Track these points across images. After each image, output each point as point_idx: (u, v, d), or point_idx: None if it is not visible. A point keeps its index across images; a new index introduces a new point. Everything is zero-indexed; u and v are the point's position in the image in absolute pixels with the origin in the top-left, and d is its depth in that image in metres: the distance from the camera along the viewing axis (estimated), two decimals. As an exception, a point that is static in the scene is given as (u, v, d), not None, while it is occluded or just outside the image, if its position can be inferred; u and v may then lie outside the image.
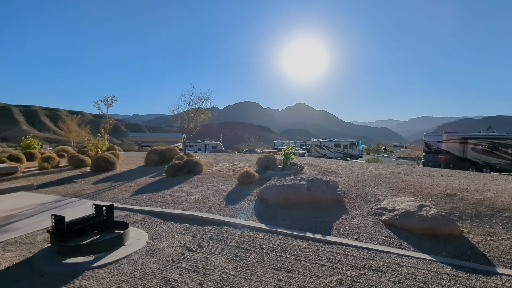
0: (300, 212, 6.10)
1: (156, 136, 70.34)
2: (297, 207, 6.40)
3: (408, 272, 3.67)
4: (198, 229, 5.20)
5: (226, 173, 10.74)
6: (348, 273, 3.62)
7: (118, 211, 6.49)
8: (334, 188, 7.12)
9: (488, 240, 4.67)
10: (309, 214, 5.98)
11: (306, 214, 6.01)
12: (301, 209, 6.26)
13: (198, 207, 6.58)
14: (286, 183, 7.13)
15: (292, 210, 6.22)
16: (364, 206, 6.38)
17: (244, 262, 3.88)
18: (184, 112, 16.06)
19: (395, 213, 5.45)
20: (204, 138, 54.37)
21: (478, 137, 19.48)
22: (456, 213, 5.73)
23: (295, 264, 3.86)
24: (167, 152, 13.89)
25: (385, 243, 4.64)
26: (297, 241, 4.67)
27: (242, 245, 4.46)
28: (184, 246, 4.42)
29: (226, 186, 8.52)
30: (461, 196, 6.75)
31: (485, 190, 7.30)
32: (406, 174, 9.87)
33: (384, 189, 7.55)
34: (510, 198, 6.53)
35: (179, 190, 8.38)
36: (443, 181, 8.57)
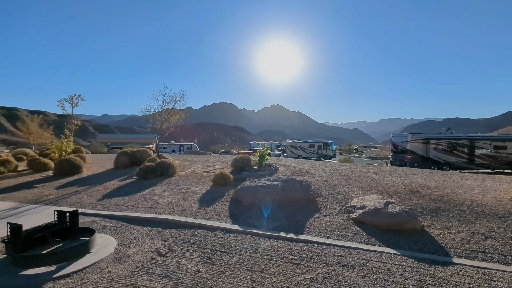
0: (274, 212, 6.17)
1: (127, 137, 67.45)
2: (272, 207, 6.46)
3: (375, 266, 3.86)
4: (170, 233, 5.06)
5: (201, 175, 10.57)
6: (319, 270, 3.72)
7: (84, 217, 6.14)
8: (307, 188, 7.29)
9: (446, 233, 5.04)
10: (283, 214, 6.07)
11: (280, 214, 6.09)
12: (275, 209, 6.33)
13: (171, 210, 6.41)
14: (261, 184, 7.18)
15: (266, 211, 6.27)
16: (336, 204, 6.60)
17: (217, 265, 3.85)
18: (157, 113, 15.57)
19: (364, 211, 5.70)
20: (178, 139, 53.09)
21: (439, 138, 20.98)
22: (419, 209, 6.12)
23: (268, 264, 3.90)
24: (139, 154, 13.38)
25: (354, 239, 4.84)
26: (271, 241, 4.72)
27: (216, 248, 4.42)
28: (155, 251, 4.29)
29: (200, 188, 8.39)
30: (423, 193, 7.23)
31: (444, 187, 7.88)
32: (375, 173, 10.37)
33: (354, 188, 7.87)
34: (465, 194, 7.10)
35: (151, 193, 8.10)
36: (408, 179, 9.12)
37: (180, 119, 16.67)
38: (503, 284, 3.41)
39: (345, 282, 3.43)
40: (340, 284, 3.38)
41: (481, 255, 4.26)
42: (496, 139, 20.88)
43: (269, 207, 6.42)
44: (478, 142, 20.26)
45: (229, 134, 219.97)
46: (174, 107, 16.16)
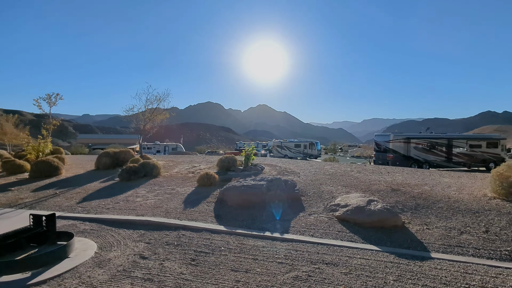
0: (259, 212, 6.17)
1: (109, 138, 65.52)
2: (257, 207, 6.46)
3: (357, 263, 3.94)
4: (153, 235, 4.96)
5: (186, 175, 10.43)
6: (303, 268, 3.76)
7: (62, 220, 5.91)
8: (293, 187, 7.35)
9: (424, 229, 5.22)
10: (268, 213, 6.08)
11: (265, 213, 6.10)
12: (261, 209, 6.33)
13: (154, 212, 6.28)
14: (246, 183, 7.17)
15: (252, 210, 6.27)
16: (320, 203, 6.69)
17: (201, 266, 3.80)
18: (140, 113, 15.19)
19: (347, 209, 5.81)
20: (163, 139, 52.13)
21: (419, 137, 21.74)
22: (399, 206, 6.31)
23: (253, 263, 3.89)
24: (121, 154, 13.03)
25: (338, 237, 4.92)
26: (256, 241, 4.71)
27: (200, 249, 4.36)
28: (138, 254, 4.19)
29: (185, 189, 8.27)
30: (403, 190, 7.46)
31: (423, 185, 8.17)
32: (358, 172, 10.59)
33: (338, 187, 8.01)
34: (443, 191, 7.39)
35: (133, 194, 7.91)
36: (389, 177, 9.38)
37: (164, 119, 16.36)
38: (476, 277, 3.57)
39: (329, 279, 3.48)
40: (324, 281, 3.42)
41: (457, 249, 4.44)
42: (472, 139, 21.89)
43: (255, 207, 6.41)
44: (455, 142, 21.17)
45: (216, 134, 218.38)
46: (158, 107, 15.83)
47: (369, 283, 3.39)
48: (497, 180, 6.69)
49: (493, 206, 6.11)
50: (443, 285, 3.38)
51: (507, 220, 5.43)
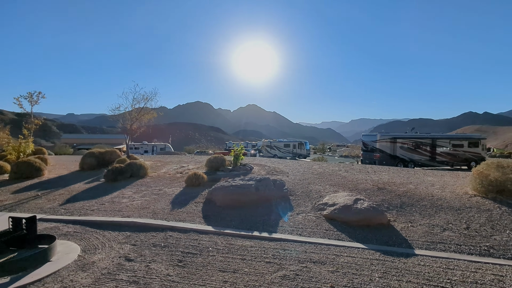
0: (248, 212, 6.17)
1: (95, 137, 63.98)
2: (246, 207, 6.45)
3: (344, 261, 3.99)
4: (139, 237, 4.86)
5: (174, 175, 10.29)
6: (291, 267, 3.78)
7: (44, 223, 5.72)
8: (281, 186, 7.38)
9: (409, 227, 5.35)
10: (257, 213, 6.08)
11: (254, 213, 6.10)
12: (249, 209, 6.33)
13: (141, 213, 6.17)
14: (235, 183, 7.14)
15: (240, 210, 6.25)
16: (308, 202, 6.75)
17: (189, 267, 3.76)
18: (127, 112, 14.87)
19: (335, 208, 5.89)
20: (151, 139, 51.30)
21: (405, 137, 22.26)
22: (385, 205, 6.44)
23: (241, 264, 3.88)
24: (107, 155, 12.73)
25: (325, 236, 4.98)
26: (244, 241, 4.70)
27: (188, 250, 4.31)
28: (123, 256, 4.10)
29: (172, 190, 8.16)
30: (389, 189, 7.62)
31: (408, 183, 8.37)
32: (346, 171, 10.75)
33: (326, 186, 8.10)
34: (426, 189, 7.59)
35: (119, 196, 7.74)
36: (376, 177, 9.56)
37: (152, 119, 16.09)
38: (458, 272, 3.68)
39: (316, 278, 3.51)
40: (311, 280, 3.45)
41: (440, 246, 4.58)
42: (454, 138, 22.60)
43: (243, 207, 6.40)
44: (439, 141, 21.80)
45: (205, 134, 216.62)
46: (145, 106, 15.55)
47: (355, 280, 3.44)
48: (477, 178, 6.94)
49: (474, 203, 6.33)
50: (426, 280, 3.47)
51: (486, 217, 5.64)
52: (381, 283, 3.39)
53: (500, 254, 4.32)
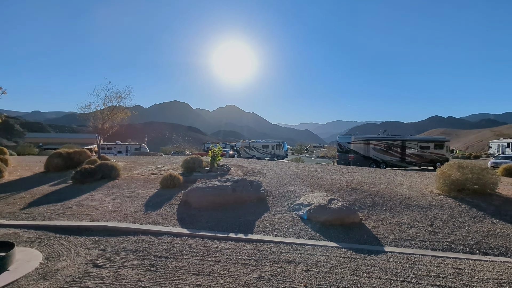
0: (224, 213, 6.11)
1: (63, 137, 60.34)
2: (222, 208, 6.39)
3: (318, 260, 4.07)
4: (109, 241, 4.64)
5: (148, 177, 9.96)
6: (266, 268, 3.79)
7: (2, 229, 5.29)
8: (258, 187, 7.40)
9: (379, 225, 5.58)
10: (233, 214, 6.04)
11: (230, 214, 6.06)
12: (226, 210, 6.28)
13: (112, 217, 5.89)
14: (211, 185, 7.05)
15: (216, 212, 6.18)
16: (285, 203, 6.82)
17: (161, 272, 3.64)
18: (98, 111, 14.19)
19: (310, 208, 6.00)
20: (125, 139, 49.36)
21: (377, 139, 23.28)
22: (358, 204, 6.68)
23: (216, 266, 3.83)
24: (76, 155, 12.04)
25: (300, 235, 5.05)
26: (219, 243, 4.65)
27: (161, 253, 4.18)
28: (90, 263, 3.88)
29: (146, 191, 7.89)
30: (362, 189, 7.91)
31: (379, 183, 8.74)
32: (321, 172, 11.02)
33: (302, 186, 8.24)
34: (396, 189, 7.98)
35: (88, 198, 7.35)
36: (350, 177, 9.89)
37: (126, 118, 15.48)
38: (422, 267, 3.89)
39: (290, 277, 3.55)
40: (286, 280, 3.48)
41: (407, 243, 4.81)
42: (422, 140, 23.98)
43: (219, 208, 6.34)
44: (408, 143, 23.02)
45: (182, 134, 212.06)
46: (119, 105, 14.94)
47: (328, 278, 3.52)
48: (441, 178, 7.40)
49: (438, 201, 6.74)
50: (394, 276, 3.63)
51: (448, 214, 6.03)
52: (352, 280, 3.50)
53: (460, 249, 4.63)
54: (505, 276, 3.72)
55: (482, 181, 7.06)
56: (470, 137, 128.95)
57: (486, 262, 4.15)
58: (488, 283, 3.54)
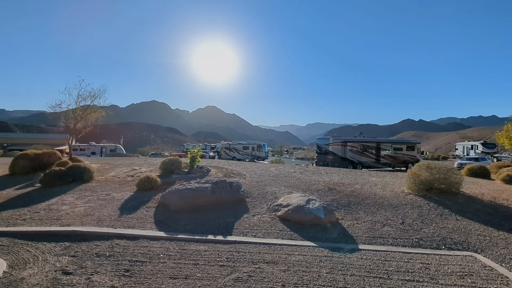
0: (203, 215, 6.05)
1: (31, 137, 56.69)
2: (201, 210, 6.32)
3: (295, 259, 4.15)
4: (81, 247, 4.44)
5: (124, 179, 9.63)
6: (244, 269, 3.80)
7: (-41, 237, 4.87)
8: (238, 189, 7.40)
9: (354, 224, 5.78)
10: (213, 216, 6.00)
11: (210, 216, 6.01)
12: (205, 212, 6.22)
13: (84, 221, 5.63)
14: (190, 186, 6.96)
15: (195, 214, 6.10)
16: (264, 204, 6.88)
17: (136, 276, 3.54)
18: (70, 110, 13.49)
19: (289, 208, 6.09)
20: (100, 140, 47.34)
21: (354, 141, 24.06)
22: (335, 204, 6.88)
23: (194, 269, 3.79)
24: (45, 156, 11.37)
25: (279, 236, 5.12)
26: (198, 245, 4.60)
27: (136, 258, 4.06)
28: (60, 270, 3.69)
29: (122, 194, 7.62)
30: (338, 189, 8.15)
31: (355, 184, 9.06)
32: (300, 173, 11.22)
33: (282, 187, 8.35)
34: (370, 189, 8.30)
35: (58, 202, 6.97)
36: (327, 178, 10.16)
37: (100, 118, 14.87)
38: (393, 263, 4.09)
39: (268, 278, 3.59)
40: (263, 280, 3.52)
41: (380, 240, 5.03)
42: (395, 142, 25.11)
43: (198, 210, 6.26)
44: (382, 145, 24.01)
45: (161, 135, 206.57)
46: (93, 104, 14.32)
47: (305, 277, 3.60)
48: (411, 178, 7.81)
49: (408, 200, 7.11)
50: (367, 273, 3.79)
51: (418, 212, 6.38)
52: (328, 278, 3.61)
53: (427, 245, 4.92)
54: (467, 269, 4.00)
55: (448, 181, 7.54)
56: (439, 139, 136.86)
57: (450, 257, 4.44)
58: (452, 276, 3.79)
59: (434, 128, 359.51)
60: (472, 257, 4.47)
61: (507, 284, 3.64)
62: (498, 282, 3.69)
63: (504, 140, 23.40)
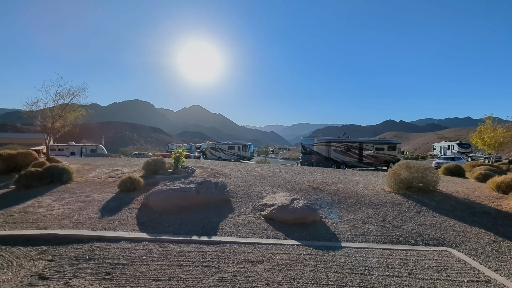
0: (188, 216, 5.98)
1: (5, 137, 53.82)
2: (186, 211, 6.25)
3: (280, 258, 4.19)
4: (59, 251, 4.27)
5: (105, 180, 9.35)
6: (229, 269, 3.80)
7: None
8: (223, 189, 7.37)
9: (338, 222, 5.91)
10: (197, 217, 5.94)
11: (194, 217, 5.95)
12: (190, 213, 6.15)
13: (62, 224, 5.43)
14: (174, 187, 6.86)
15: (180, 215, 6.02)
16: (249, 204, 6.89)
17: (118, 280, 3.46)
18: (48, 108, 12.93)
19: (273, 208, 6.14)
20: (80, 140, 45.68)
21: (338, 141, 24.56)
22: (318, 203, 7.00)
23: (177, 270, 3.74)
24: (20, 157, 10.84)
25: (263, 235, 5.15)
26: (182, 246, 4.55)
27: (118, 260, 3.97)
28: (36, 275, 3.55)
29: (103, 196, 7.40)
30: (322, 188, 8.30)
31: (338, 183, 9.25)
32: (285, 173, 11.32)
33: (267, 187, 8.39)
34: (353, 188, 8.51)
35: (35, 205, 6.67)
36: (312, 177, 10.32)
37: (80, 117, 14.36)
38: (374, 259, 4.22)
39: (253, 277, 3.60)
40: (248, 280, 3.53)
41: (362, 238, 5.17)
42: (377, 143, 25.85)
43: (183, 211, 6.19)
44: (365, 145, 24.65)
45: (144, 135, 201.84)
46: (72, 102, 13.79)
47: (289, 276, 3.65)
48: (392, 177, 8.07)
49: (389, 199, 7.34)
50: (349, 269, 3.89)
51: (397, 210, 6.60)
52: (311, 276, 3.67)
53: (406, 241, 5.11)
54: (442, 264, 4.19)
55: (426, 179, 7.86)
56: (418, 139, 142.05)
57: (427, 252, 4.63)
58: (429, 270, 3.96)
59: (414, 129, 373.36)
60: (447, 252, 4.68)
61: (478, 277, 3.84)
62: (471, 275, 3.89)
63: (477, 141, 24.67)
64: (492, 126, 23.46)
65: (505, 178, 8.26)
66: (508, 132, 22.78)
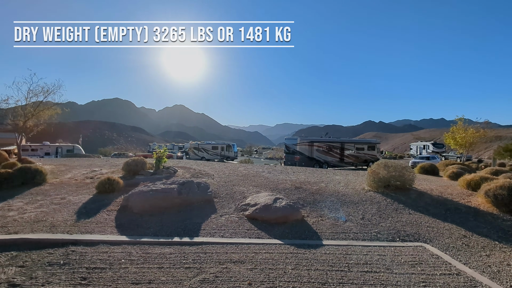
0: (169, 217, 5.87)
1: (-28, 136, 50.44)
2: (167, 212, 6.13)
3: (262, 258, 4.21)
4: (30, 256, 4.06)
5: (82, 181, 8.99)
6: (211, 270, 3.77)
7: None
8: (205, 189, 7.31)
9: (319, 221, 6.02)
10: (179, 218, 5.85)
11: (176, 218, 5.86)
12: (171, 214, 6.04)
13: (34, 228, 5.16)
14: (155, 188, 6.72)
15: (161, 216, 5.90)
16: (232, 204, 6.87)
17: (94, 285, 3.34)
18: (20, 106, 12.23)
19: (256, 208, 6.16)
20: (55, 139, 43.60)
21: (320, 141, 25.04)
22: (301, 202, 7.09)
23: (158, 273, 3.67)
24: (-12, 158, 10.21)
25: (246, 235, 5.15)
26: (163, 248, 4.46)
27: (95, 265, 3.83)
28: (6, 282, 3.35)
29: (79, 198, 7.11)
30: (305, 188, 8.42)
31: (320, 182, 9.43)
32: (269, 173, 11.39)
33: (250, 187, 8.40)
34: (334, 187, 8.70)
35: (4, 208, 6.29)
36: (294, 177, 10.44)
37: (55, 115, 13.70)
38: (353, 256, 4.34)
39: (235, 277, 3.60)
40: (230, 280, 3.52)
41: (342, 235, 5.30)
42: (358, 143, 26.61)
43: (164, 212, 6.07)
44: (346, 145, 25.28)
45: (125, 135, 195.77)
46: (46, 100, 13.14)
47: (271, 275, 3.68)
48: (371, 176, 8.33)
49: (368, 197, 7.57)
50: (330, 267, 3.97)
51: (376, 208, 6.83)
52: (293, 274, 3.72)
53: (384, 238, 5.29)
54: (417, 258, 4.39)
55: (403, 178, 8.18)
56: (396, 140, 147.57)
57: (403, 248, 4.83)
58: (405, 265, 4.13)
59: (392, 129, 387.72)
60: (422, 247, 4.90)
61: (450, 270, 4.05)
62: (443, 268, 4.10)
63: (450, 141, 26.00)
64: (463, 127, 24.84)
65: (474, 176, 8.76)
66: (478, 133, 24.21)
